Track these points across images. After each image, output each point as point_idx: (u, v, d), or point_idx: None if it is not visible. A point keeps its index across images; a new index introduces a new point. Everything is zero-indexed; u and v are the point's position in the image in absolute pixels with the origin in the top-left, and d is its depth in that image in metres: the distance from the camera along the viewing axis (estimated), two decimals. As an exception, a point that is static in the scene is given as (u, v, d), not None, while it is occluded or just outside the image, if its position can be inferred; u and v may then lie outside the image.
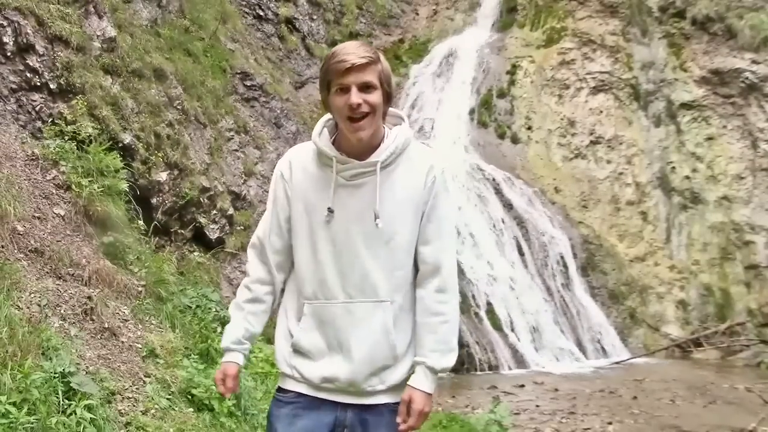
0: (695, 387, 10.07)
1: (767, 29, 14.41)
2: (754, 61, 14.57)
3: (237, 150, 10.36)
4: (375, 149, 2.16)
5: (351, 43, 2.14)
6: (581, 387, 10.03)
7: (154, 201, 7.88)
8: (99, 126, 6.90)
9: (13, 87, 6.61)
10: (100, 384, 4.00)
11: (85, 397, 3.70)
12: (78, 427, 3.54)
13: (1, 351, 3.65)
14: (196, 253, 8.49)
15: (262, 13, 14.90)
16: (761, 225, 14.15)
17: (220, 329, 5.79)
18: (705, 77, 15.04)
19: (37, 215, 5.33)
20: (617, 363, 12.49)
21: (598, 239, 14.58)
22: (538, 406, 8.74)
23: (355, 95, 2.06)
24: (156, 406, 4.26)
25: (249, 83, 12.02)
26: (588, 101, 15.92)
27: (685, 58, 15.36)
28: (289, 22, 15.55)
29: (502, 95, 16.14)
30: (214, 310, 6.13)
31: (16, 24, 6.63)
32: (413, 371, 2.21)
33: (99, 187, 5.97)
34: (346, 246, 2.14)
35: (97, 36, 7.57)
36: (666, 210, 15.09)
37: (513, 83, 16.28)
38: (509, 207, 14.00)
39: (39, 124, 6.63)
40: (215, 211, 8.93)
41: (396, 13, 18.36)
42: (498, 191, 14.23)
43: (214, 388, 4.71)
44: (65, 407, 3.60)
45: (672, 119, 15.38)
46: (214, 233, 8.84)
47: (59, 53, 6.94)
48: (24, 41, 6.66)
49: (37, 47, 6.77)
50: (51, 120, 6.65)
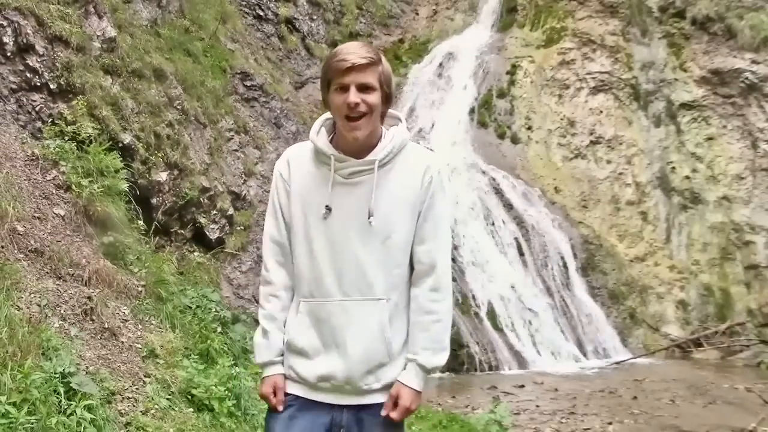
0: (695, 387, 10.06)
1: (767, 29, 14.41)
2: (754, 61, 14.57)
3: (237, 150, 10.36)
4: (372, 148, 2.18)
5: (353, 44, 2.16)
6: (581, 387, 10.03)
7: (154, 201, 7.88)
8: (99, 126, 6.90)
9: (13, 87, 6.61)
10: (100, 384, 4.00)
11: (85, 398, 3.70)
12: (78, 428, 3.55)
13: (1, 351, 3.65)
14: (196, 253, 8.49)
15: (262, 13, 14.90)
16: (761, 225, 14.14)
17: (220, 329, 5.79)
18: (705, 77, 15.03)
19: (37, 215, 5.33)
20: (617, 363, 12.48)
21: (598, 239, 14.57)
22: (538, 406, 8.73)
23: (354, 95, 2.08)
24: (156, 406, 4.26)
25: (249, 83, 12.02)
26: (588, 101, 15.91)
27: (685, 58, 15.36)
28: (289, 22, 15.54)
29: (502, 95, 16.13)
30: (214, 310, 6.13)
31: (16, 24, 6.63)
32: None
33: (99, 188, 5.98)
34: (342, 244, 2.15)
35: (97, 36, 7.57)
36: (666, 210, 15.09)
37: (513, 83, 16.27)
38: (509, 207, 13.99)
39: (39, 124, 6.63)
40: (215, 211, 8.93)
41: (396, 13, 18.35)
42: (498, 191, 14.22)
43: (214, 388, 4.72)
44: (65, 407, 3.61)
45: (672, 119, 15.38)
46: (214, 233, 8.84)
47: (59, 53, 6.94)
48: (24, 41, 6.66)
49: (37, 47, 6.77)
50: (51, 120, 6.65)
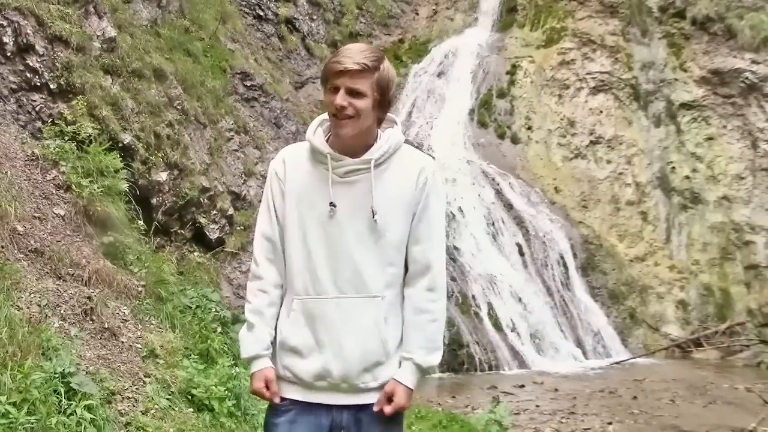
0: (695, 387, 10.06)
1: (767, 29, 14.41)
2: (754, 61, 14.57)
3: (237, 150, 10.36)
4: (368, 149, 2.22)
5: (355, 46, 2.19)
6: (581, 387, 10.03)
7: (154, 201, 7.88)
8: (99, 126, 6.90)
9: (13, 87, 6.61)
10: (100, 384, 4.00)
11: (85, 398, 3.70)
12: (78, 428, 3.55)
13: (1, 351, 3.65)
14: (196, 253, 8.49)
15: (262, 13, 14.90)
16: (761, 225, 14.15)
17: (220, 329, 5.79)
18: (705, 77, 15.03)
19: (37, 215, 5.33)
20: (617, 363, 12.48)
21: (598, 239, 14.57)
22: (538, 406, 8.73)
23: (341, 97, 2.13)
24: (156, 406, 4.26)
25: (249, 83, 12.02)
26: (588, 101, 15.91)
27: (685, 58, 15.36)
28: (289, 22, 15.54)
29: (502, 95, 16.13)
30: (214, 310, 6.13)
31: (16, 24, 6.63)
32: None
33: (99, 188, 5.98)
34: (338, 242, 2.17)
35: (97, 36, 7.57)
36: (666, 210, 15.09)
37: (513, 83, 16.27)
38: (509, 207, 13.99)
39: (39, 124, 6.63)
40: (215, 211, 8.92)
41: (396, 13, 18.35)
42: (498, 191, 14.22)
43: (214, 388, 4.72)
44: (65, 407, 3.61)
45: (672, 119, 15.38)
46: (214, 233, 8.84)
47: (59, 53, 6.94)
48: (24, 41, 6.65)
49: (37, 47, 6.77)
50: (51, 120, 6.65)
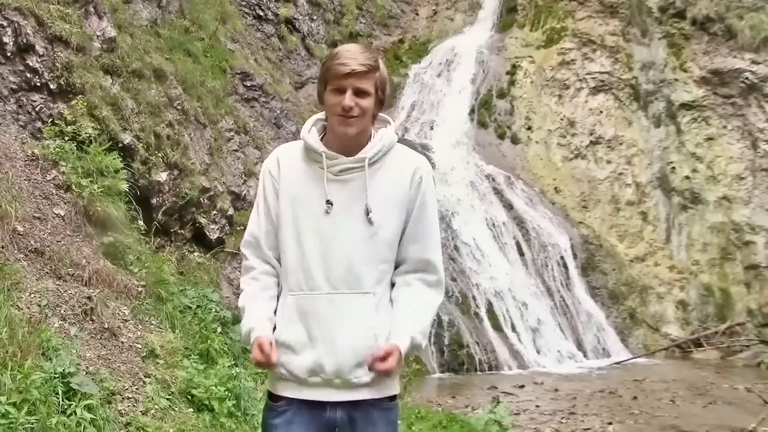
0: (695, 387, 10.06)
1: (767, 29, 14.41)
2: (754, 61, 14.58)
3: (237, 150, 10.35)
4: (362, 148, 2.26)
5: (354, 47, 2.23)
6: (581, 387, 10.03)
7: (154, 201, 7.87)
8: (99, 126, 6.89)
9: (13, 87, 6.61)
10: (100, 384, 4.00)
11: (85, 398, 3.70)
12: (78, 428, 3.55)
13: (1, 351, 3.66)
14: (196, 254, 8.49)
15: (262, 14, 14.90)
16: (761, 225, 14.15)
17: (220, 329, 5.79)
18: (705, 77, 15.04)
19: (37, 215, 5.33)
20: (617, 363, 12.48)
21: (598, 239, 14.58)
22: (538, 406, 8.73)
23: (349, 98, 2.16)
24: (156, 406, 4.26)
25: (249, 83, 12.02)
26: (588, 101, 15.92)
27: (685, 58, 15.36)
28: (289, 22, 15.54)
29: (502, 95, 16.14)
30: (214, 310, 6.14)
31: (16, 24, 6.63)
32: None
33: (99, 188, 5.98)
34: (332, 239, 2.21)
35: (97, 36, 7.57)
36: (666, 210, 15.09)
37: (513, 83, 16.27)
38: (509, 207, 13.99)
39: (39, 124, 6.63)
40: (215, 212, 8.92)
41: (396, 13, 18.35)
42: (498, 191, 14.23)
43: (214, 388, 4.72)
44: (65, 407, 3.61)
45: (672, 119, 15.38)
46: (214, 233, 8.84)
47: (59, 53, 6.94)
48: (24, 41, 6.65)
49: (37, 47, 6.77)
50: (51, 120, 6.64)
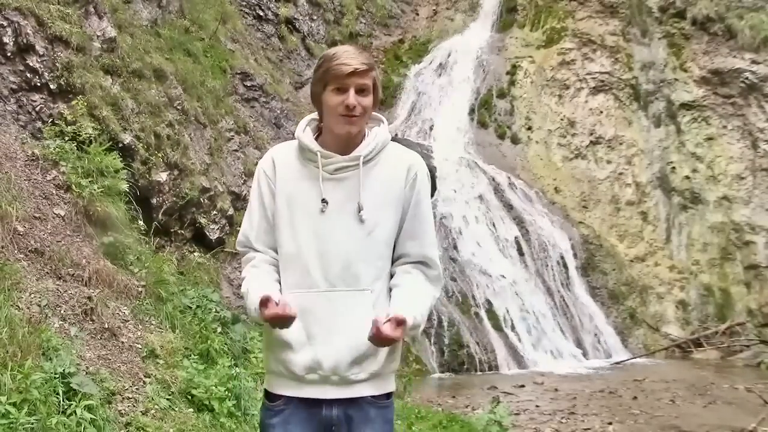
0: (695, 387, 10.06)
1: (767, 29, 14.41)
2: (754, 61, 14.57)
3: (237, 150, 10.35)
4: (356, 147, 2.28)
5: (350, 47, 2.27)
6: (581, 387, 10.03)
7: (154, 201, 7.88)
8: (99, 126, 6.90)
9: (13, 87, 6.61)
10: (100, 384, 4.00)
11: (85, 398, 3.71)
12: (78, 428, 3.55)
13: (2, 351, 3.66)
14: (196, 254, 8.49)
15: (262, 14, 14.90)
16: (761, 225, 14.15)
17: (220, 329, 5.79)
18: (705, 77, 15.03)
19: (37, 215, 5.34)
20: (617, 363, 12.48)
21: (598, 239, 14.57)
22: (538, 406, 8.73)
23: (353, 97, 2.20)
24: (156, 406, 4.26)
25: (249, 83, 12.02)
26: (588, 101, 15.91)
27: (685, 58, 15.36)
28: (289, 22, 15.54)
29: (502, 95, 16.13)
30: (214, 310, 6.13)
31: (16, 24, 6.63)
32: (393, 359, 2.25)
33: (99, 188, 5.98)
34: (329, 236, 2.23)
35: (97, 36, 7.57)
36: (666, 210, 15.09)
37: (513, 83, 16.27)
38: (509, 207, 13.99)
39: (39, 124, 6.63)
40: (215, 212, 8.92)
41: (396, 13, 18.35)
42: (498, 191, 14.23)
43: (214, 388, 4.72)
44: (65, 408, 3.61)
45: (672, 119, 15.38)
46: (214, 233, 8.84)
47: (59, 53, 6.94)
48: (24, 41, 6.66)
49: (37, 47, 6.77)
50: (51, 120, 6.65)
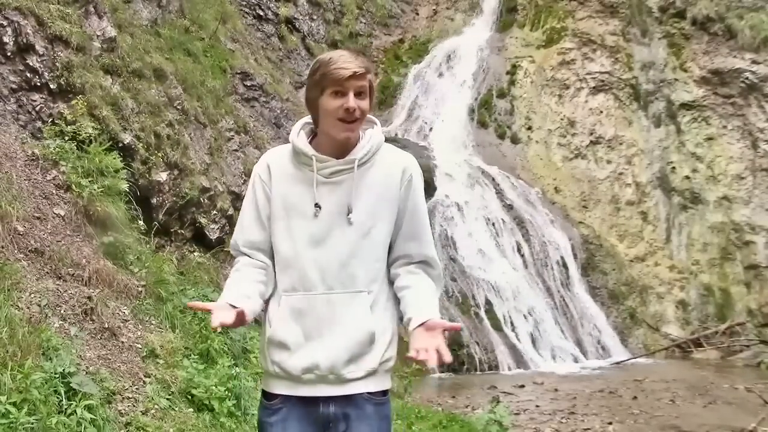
0: (695, 387, 10.06)
1: (767, 29, 14.41)
2: (754, 61, 14.58)
3: (237, 150, 10.35)
4: (351, 150, 2.29)
5: (345, 52, 2.29)
6: (581, 387, 10.03)
7: (154, 201, 7.87)
8: (99, 126, 6.89)
9: (13, 87, 6.61)
10: (100, 384, 4.00)
11: (86, 398, 3.71)
12: (78, 428, 3.55)
13: (2, 351, 3.66)
14: (196, 253, 8.48)
15: (262, 13, 14.90)
16: (761, 225, 14.15)
17: (220, 329, 5.78)
18: (705, 77, 15.03)
19: (37, 215, 5.33)
20: (617, 363, 12.49)
21: (598, 239, 14.58)
22: (538, 406, 8.73)
23: (352, 100, 2.21)
24: (156, 406, 4.26)
25: (249, 83, 12.02)
26: (588, 101, 15.91)
27: (685, 58, 15.36)
28: (289, 22, 15.55)
29: (502, 95, 16.14)
30: (214, 310, 6.11)
31: (16, 24, 6.63)
32: (388, 356, 2.25)
33: (99, 188, 5.98)
34: (326, 240, 2.24)
35: (97, 36, 7.57)
36: (666, 210, 15.09)
37: (513, 83, 16.27)
38: (509, 207, 13.99)
39: (39, 124, 6.63)
40: (215, 211, 8.92)
41: (396, 13, 18.36)
42: (498, 191, 14.23)
43: (214, 388, 4.71)
44: (65, 407, 3.61)
45: (672, 119, 15.38)
46: (214, 233, 8.84)
47: (59, 53, 6.94)
48: (24, 41, 6.65)
49: (37, 47, 6.77)
50: (51, 120, 6.64)
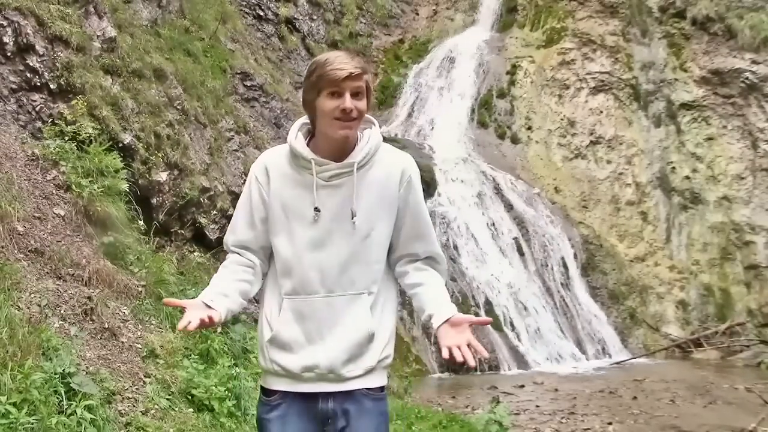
0: (695, 387, 10.06)
1: (767, 29, 14.41)
2: (754, 61, 14.58)
3: (237, 150, 10.35)
4: (350, 152, 2.28)
5: (341, 53, 2.28)
6: (581, 387, 10.03)
7: (154, 201, 7.87)
8: (99, 126, 6.89)
9: (13, 87, 6.61)
10: (100, 384, 4.00)
11: (86, 398, 3.71)
12: (78, 428, 3.55)
13: (2, 351, 3.66)
14: (196, 253, 8.48)
15: (262, 14, 14.90)
16: (761, 225, 14.15)
17: (220, 329, 5.79)
18: (705, 77, 15.04)
19: (38, 215, 5.34)
20: (617, 363, 12.49)
21: (598, 239, 14.58)
22: (538, 406, 8.73)
23: (349, 101, 2.20)
24: (156, 406, 4.26)
25: (249, 83, 12.01)
26: (588, 101, 15.91)
27: (685, 58, 15.36)
28: (289, 22, 15.54)
29: (502, 95, 16.13)
30: (214, 310, 6.11)
31: (16, 24, 6.63)
32: (386, 354, 2.28)
33: (99, 188, 5.98)
34: (326, 244, 2.25)
35: (97, 36, 7.56)
36: (666, 210, 15.09)
37: (513, 83, 16.27)
38: (509, 207, 13.99)
39: (39, 124, 6.63)
40: (215, 211, 8.91)
41: (396, 13, 18.36)
42: (498, 191, 14.23)
43: (214, 388, 4.71)
44: (65, 407, 3.61)
45: (672, 119, 15.38)
46: (214, 233, 8.83)
47: (59, 53, 6.94)
48: (24, 41, 6.65)
49: (37, 47, 6.77)
50: (51, 120, 6.64)
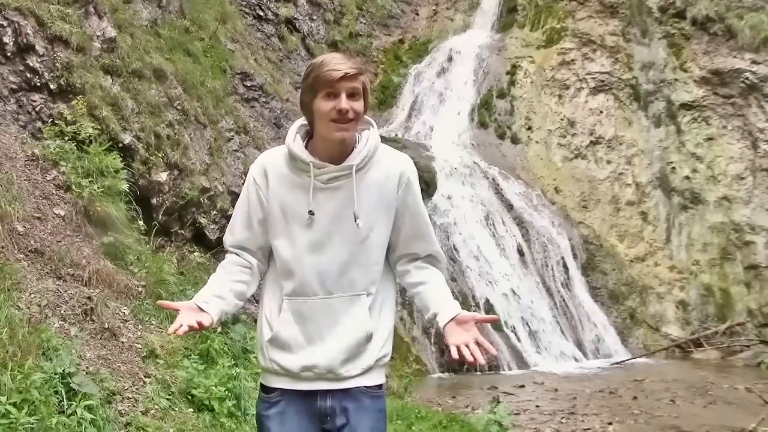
0: (695, 387, 10.06)
1: (767, 29, 14.42)
2: (754, 61, 14.58)
3: (237, 150, 10.35)
4: (348, 154, 2.28)
5: (337, 54, 2.30)
6: (581, 387, 10.03)
7: (154, 201, 7.87)
8: (99, 126, 6.89)
9: (13, 87, 6.61)
10: (100, 384, 4.00)
11: (86, 398, 3.71)
12: (78, 428, 3.55)
13: (2, 351, 3.66)
14: (196, 254, 8.48)
15: (262, 14, 14.90)
16: (761, 225, 14.15)
17: (220, 329, 5.79)
18: (705, 77, 15.04)
19: (37, 215, 5.34)
20: (617, 363, 12.49)
21: (598, 239, 14.58)
22: (538, 406, 8.73)
23: (345, 102, 2.19)
24: (156, 406, 4.26)
25: (249, 83, 12.01)
26: (588, 101, 15.91)
27: (685, 58, 15.36)
28: (289, 22, 15.54)
29: (502, 95, 16.13)
30: (214, 310, 6.11)
31: (16, 24, 6.63)
32: (384, 353, 2.30)
33: (99, 188, 5.98)
34: (325, 246, 2.26)
35: (97, 36, 7.57)
36: (666, 210, 15.09)
37: (513, 83, 16.27)
38: (509, 207, 13.99)
39: (39, 124, 6.63)
40: (215, 212, 8.91)
41: (396, 13, 18.35)
42: (498, 191, 14.23)
43: (214, 388, 4.71)
44: (65, 408, 3.61)
45: (672, 119, 15.38)
46: (214, 233, 8.83)
47: (59, 53, 6.94)
48: (24, 41, 6.66)
49: (37, 47, 6.77)
50: (51, 120, 6.64)
